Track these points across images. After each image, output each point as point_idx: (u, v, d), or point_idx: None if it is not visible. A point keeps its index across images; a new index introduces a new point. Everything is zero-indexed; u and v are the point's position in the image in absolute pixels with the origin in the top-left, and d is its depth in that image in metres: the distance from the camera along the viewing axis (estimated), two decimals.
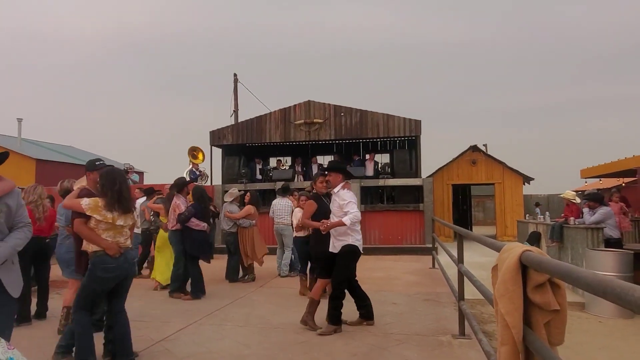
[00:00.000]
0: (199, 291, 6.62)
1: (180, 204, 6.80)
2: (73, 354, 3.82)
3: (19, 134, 29.05)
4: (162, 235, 7.42)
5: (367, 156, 14.79)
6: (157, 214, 8.09)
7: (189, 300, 6.45)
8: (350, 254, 4.87)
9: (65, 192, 4.76)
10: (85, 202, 3.61)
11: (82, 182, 5.19)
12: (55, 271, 5.70)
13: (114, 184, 3.66)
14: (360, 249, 4.94)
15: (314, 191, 5.67)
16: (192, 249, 6.68)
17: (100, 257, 3.60)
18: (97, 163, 4.08)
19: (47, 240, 5.48)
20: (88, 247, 3.66)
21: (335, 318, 4.81)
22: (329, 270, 4.97)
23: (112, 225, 3.64)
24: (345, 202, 4.75)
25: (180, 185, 7.10)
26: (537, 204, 19.14)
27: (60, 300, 5.89)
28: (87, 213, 3.57)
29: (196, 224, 6.71)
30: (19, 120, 29.05)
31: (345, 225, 4.65)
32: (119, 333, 3.79)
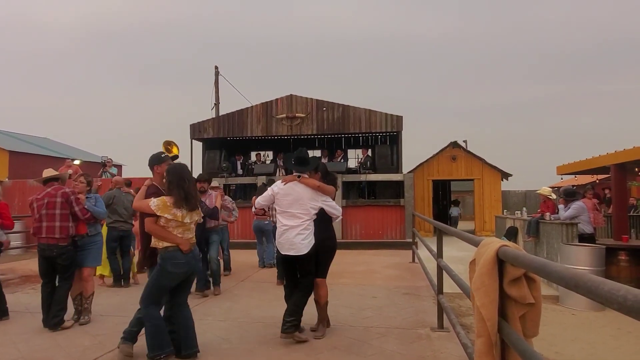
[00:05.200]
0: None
1: None
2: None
3: None
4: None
5: (362, 151, 14.99)
6: None
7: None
8: None
9: None
10: (153, 203, 3.60)
11: (50, 172, 5.02)
12: (31, 265, 5.56)
13: (181, 181, 3.66)
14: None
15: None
16: None
17: (172, 252, 3.63)
18: (162, 156, 4.06)
19: None
20: (158, 243, 3.66)
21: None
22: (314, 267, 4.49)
23: (181, 222, 3.65)
24: None
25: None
26: (455, 202, 16.19)
27: (35, 295, 5.78)
28: (158, 214, 3.58)
29: None
30: None
31: None
32: (183, 325, 3.80)
